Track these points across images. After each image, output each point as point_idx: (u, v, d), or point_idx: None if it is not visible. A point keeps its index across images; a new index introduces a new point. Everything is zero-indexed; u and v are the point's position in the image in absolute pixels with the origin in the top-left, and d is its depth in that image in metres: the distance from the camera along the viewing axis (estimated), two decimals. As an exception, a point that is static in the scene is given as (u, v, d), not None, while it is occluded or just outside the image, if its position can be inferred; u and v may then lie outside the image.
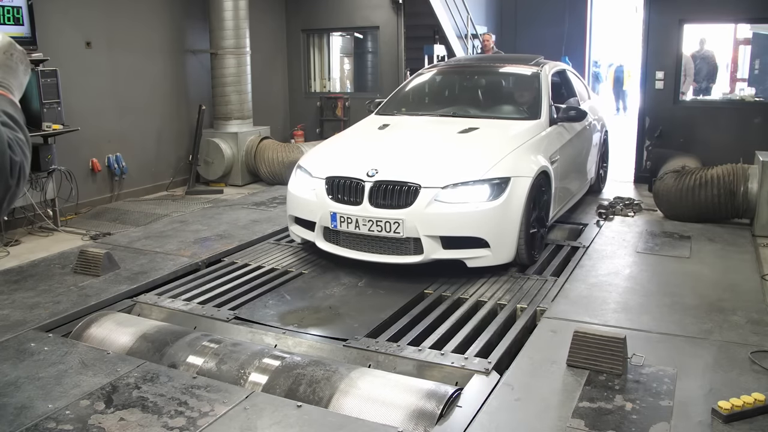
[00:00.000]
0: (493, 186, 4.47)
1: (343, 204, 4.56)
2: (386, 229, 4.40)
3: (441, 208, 4.36)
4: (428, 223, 4.34)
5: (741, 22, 9.89)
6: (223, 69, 9.02)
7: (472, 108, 5.94)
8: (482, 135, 5.12)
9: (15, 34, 6.23)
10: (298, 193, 4.91)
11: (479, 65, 6.79)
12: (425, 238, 4.34)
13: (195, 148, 9.04)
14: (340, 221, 4.54)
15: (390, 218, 4.38)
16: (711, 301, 4.06)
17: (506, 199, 4.45)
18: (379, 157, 4.79)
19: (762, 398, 2.78)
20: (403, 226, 4.35)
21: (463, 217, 4.38)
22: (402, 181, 4.44)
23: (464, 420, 2.77)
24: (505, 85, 6.35)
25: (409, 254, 4.43)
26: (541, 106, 5.55)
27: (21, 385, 3.04)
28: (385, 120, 5.75)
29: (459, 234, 4.39)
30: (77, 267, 4.65)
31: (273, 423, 2.73)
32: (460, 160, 4.68)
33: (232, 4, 8.83)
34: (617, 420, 2.72)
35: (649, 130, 8.20)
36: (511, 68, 6.34)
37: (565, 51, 15.93)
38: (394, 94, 6.41)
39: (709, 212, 6.01)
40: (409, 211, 4.36)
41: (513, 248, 4.54)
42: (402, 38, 10.65)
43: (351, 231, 4.52)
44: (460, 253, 4.43)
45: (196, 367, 3.33)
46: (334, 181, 4.65)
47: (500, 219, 4.44)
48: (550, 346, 3.43)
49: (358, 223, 4.47)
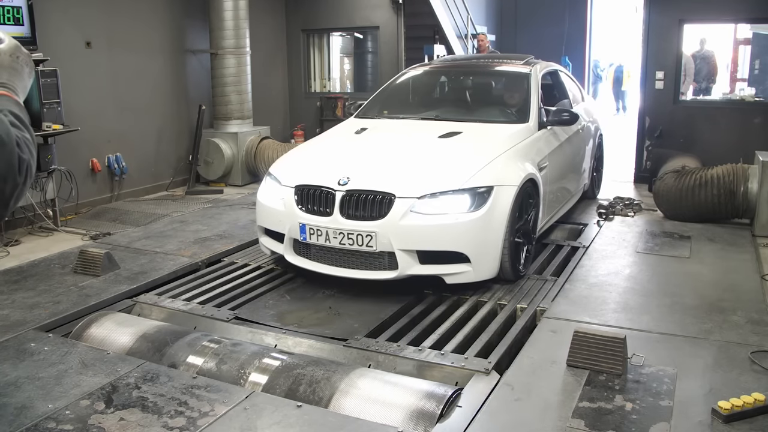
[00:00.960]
0: (474, 196, 4.14)
1: (312, 215, 4.24)
2: (358, 243, 4.08)
3: (417, 220, 4.03)
4: (403, 236, 4.02)
5: (741, 22, 9.89)
6: (223, 69, 9.02)
7: (457, 110, 5.65)
8: (465, 140, 4.81)
9: (15, 34, 6.22)
10: (267, 202, 4.58)
11: (467, 65, 6.52)
12: (400, 252, 4.02)
13: (195, 148, 9.03)
14: (310, 233, 4.22)
15: (362, 231, 4.06)
16: (711, 301, 4.06)
17: (488, 210, 4.12)
18: (352, 164, 4.49)
19: (762, 398, 2.78)
20: (376, 240, 4.04)
21: (441, 230, 4.05)
22: (375, 191, 4.13)
23: (464, 420, 2.77)
24: (493, 87, 6.08)
25: (384, 269, 4.11)
26: (529, 108, 5.25)
27: (21, 385, 3.04)
28: (364, 123, 5.45)
29: (437, 248, 4.08)
30: (77, 267, 4.65)
31: (273, 423, 2.73)
32: (438, 168, 4.37)
33: (232, 4, 8.83)
34: (617, 420, 2.72)
35: (649, 130, 8.20)
36: (500, 68, 6.07)
37: (565, 51, 15.94)
38: (375, 95, 6.09)
39: (709, 212, 6.00)
40: (382, 223, 4.04)
41: (496, 263, 4.21)
42: (402, 38, 10.65)
43: (321, 244, 4.21)
44: (438, 268, 4.11)
45: (196, 367, 3.33)
46: (303, 189, 4.34)
47: (482, 232, 4.11)
48: (550, 346, 3.43)
49: (329, 235, 4.15)
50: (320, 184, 4.29)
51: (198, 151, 9.05)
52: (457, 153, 4.61)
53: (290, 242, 4.40)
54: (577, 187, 6.24)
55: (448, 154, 4.60)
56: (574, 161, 6.00)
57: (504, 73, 5.99)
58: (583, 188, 6.54)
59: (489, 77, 6.14)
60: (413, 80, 6.21)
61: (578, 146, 6.12)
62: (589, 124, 6.54)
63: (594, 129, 6.80)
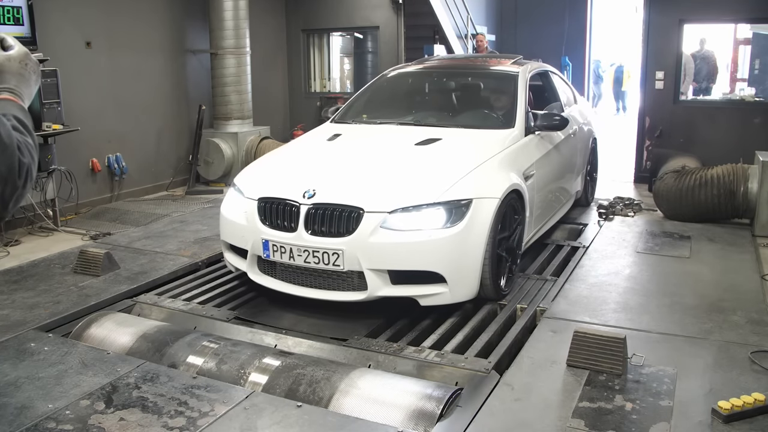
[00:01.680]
0: (450, 210, 3.79)
1: (276, 230, 3.92)
2: (324, 261, 3.76)
3: (387, 237, 3.70)
4: (372, 254, 3.70)
5: (741, 22, 9.89)
6: (223, 69, 9.02)
7: (438, 115, 5.28)
8: (443, 147, 4.48)
9: (15, 34, 6.23)
10: (229, 215, 4.25)
11: (451, 65, 6.17)
12: (369, 272, 3.70)
13: (195, 148, 9.03)
14: (273, 250, 3.90)
15: (328, 248, 3.73)
16: (711, 301, 4.06)
17: (467, 225, 3.77)
18: (319, 174, 4.17)
19: (762, 398, 2.78)
20: (344, 258, 3.71)
21: (414, 248, 3.71)
22: (342, 204, 3.80)
23: (464, 420, 2.77)
24: (477, 89, 5.65)
25: (353, 290, 3.81)
26: (515, 113, 4.90)
27: (21, 385, 3.04)
28: (339, 129, 5.09)
29: (409, 268, 3.75)
30: (77, 267, 4.65)
31: (273, 423, 2.73)
32: (412, 179, 4.03)
33: (232, 4, 8.83)
34: (617, 420, 2.72)
35: (649, 130, 8.20)
36: (486, 69, 5.72)
37: (565, 51, 15.94)
38: (353, 99, 5.72)
39: (709, 212, 6.00)
40: (350, 240, 3.72)
41: (475, 283, 3.87)
42: (402, 38, 10.65)
43: (285, 262, 3.91)
44: (411, 289, 3.78)
45: (196, 367, 3.33)
46: (266, 202, 4.00)
47: (459, 249, 3.77)
48: (550, 346, 3.43)
49: (293, 253, 3.83)
50: (284, 196, 3.96)
51: (198, 151, 9.05)
52: (434, 162, 4.28)
53: (254, 259, 4.09)
54: (568, 194, 5.92)
55: (424, 163, 4.27)
56: (565, 168, 5.65)
57: (490, 74, 5.65)
58: (575, 195, 6.23)
59: (474, 79, 5.73)
60: (394, 82, 5.86)
61: (570, 152, 5.77)
62: (583, 125, 6.29)
63: (587, 132, 6.48)
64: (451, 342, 3.57)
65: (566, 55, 15.86)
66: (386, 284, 3.77)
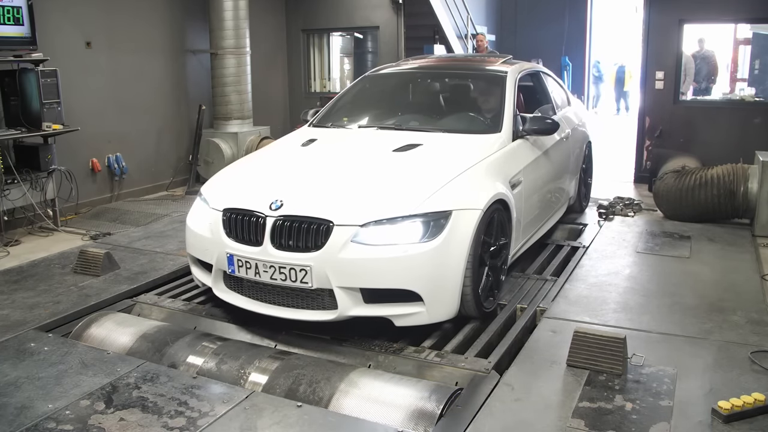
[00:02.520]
0: (428, 223, 3.49)
1: (241, 244, 3.64)
2: (291, 278, 3.47)
3: (359, 252, 3.40)
4: (342, 271, 3.40)
5: (741, 22, 9.89)
6: (223, 69, 9.02)
7: (421, 118, 4.94)
8: (423, 154, 4.17)
9: (15, 34, 6.24)
10: (194, 227, 3.99)
11: (436, 66, 5.80)
12: (339, 290, 3.42)
13: (195, 148, 9.04)
14: (238, 265, 3.61)
15: (295, 264, 3.44)
16: (711, 301, 4.06)
17: (445, 239, 3.48)
18: (289, 183, 3.88)
19: (762, 398, 2.78)
20: (312, 275, 3.42)
21: (388, 264, 3.40)
22: (311, 217, 3.50)
23: (464, 420, 2.77)
24: (463, 91, 5.34)
25: (323, 309, 3.53)
26: (502, 116, 4.61)
27: (21, 385, 3.04)
28: (315, 134, 4.82)
29: (383, 286, 3.44)
30: (77, 267, 4.65)
31: (273, 423, 2.73)
32: (388, 189, 3.72)
33: (232, 4, 8.83)
34: (617, 420, 2.73)
35: (649, 130, 8.20)
36: (472, 70, 5.41)
37: (565, 51, 15.96)
38: (333, 101, 5.39)
39: (709, 212, 6.01)
40: (318, 255, 3.42)
41: (455, 302, 3.58)
42: (402, 38, 10.65)
43: (251, 278, 3.62)
44: (385, 309, 3.50)
45: (196, 367, 3.33)
46: (231, 213, 3.71)
47: (437, 266, 3.46)
48: (550, 346, 3.43)
49: (258, 268, 3.54)
50: (250, 207, 3.67)
51: (198, 151, 9.06)
52: (412, 170, 3.96)
53: (219, 274, 3.83)
54: (560, 202, 5.63)
55: (401, 171, 3.95)
56: (556, 174, 5.31)
57: (477, 75, 5.33)
58: (568, 202, 5.94)
59: (460, 80, 5.40)
60: (376, 83, 5.54)
61: (562, 156, 5.44)
62: (578, 127, 6.04)
63: (581, 135, 6.18)
64: (451, 342, 3.58)
65: (566, 55, 15.88)
66: (358, 303, 3.48)
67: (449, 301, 3.58)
